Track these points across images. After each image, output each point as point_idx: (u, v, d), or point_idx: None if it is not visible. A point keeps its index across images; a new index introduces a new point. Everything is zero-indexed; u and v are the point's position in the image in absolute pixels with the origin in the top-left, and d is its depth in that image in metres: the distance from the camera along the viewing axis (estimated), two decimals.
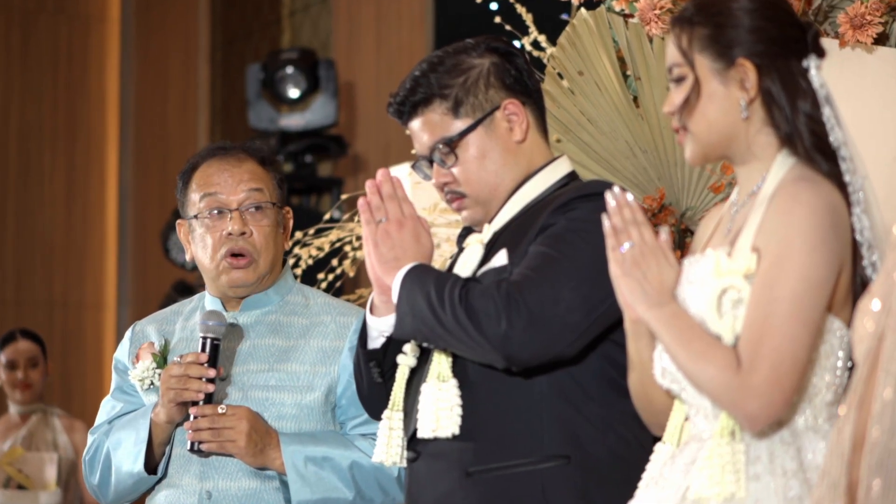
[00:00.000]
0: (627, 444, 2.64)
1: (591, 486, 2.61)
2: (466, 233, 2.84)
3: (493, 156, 2.77)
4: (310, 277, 4.43)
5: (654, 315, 2.28)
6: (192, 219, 3.27)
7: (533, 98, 2.82)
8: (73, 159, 10.30)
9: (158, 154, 10.33)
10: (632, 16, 3.56)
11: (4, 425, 6.56)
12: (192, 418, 3.13)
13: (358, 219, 2.75)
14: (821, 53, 2.37)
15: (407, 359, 2.75)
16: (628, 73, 3.62)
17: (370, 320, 2.78)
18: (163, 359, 3.26)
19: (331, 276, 4.64)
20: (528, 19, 4.16)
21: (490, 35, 2.85)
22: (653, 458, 2.43)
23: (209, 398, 3.13)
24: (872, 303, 1.93)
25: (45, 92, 10.24)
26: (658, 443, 2.45)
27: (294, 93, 8.25)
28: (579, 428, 2.62)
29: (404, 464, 2.76)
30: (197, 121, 10.16)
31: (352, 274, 4.68)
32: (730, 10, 2.36)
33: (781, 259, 2.23)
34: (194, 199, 3.27)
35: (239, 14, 10.07)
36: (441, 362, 2.66)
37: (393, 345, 2.77)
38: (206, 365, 3.12)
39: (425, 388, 2.66)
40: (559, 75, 3.69)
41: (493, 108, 2.77)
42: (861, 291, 2.25)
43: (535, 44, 4.11)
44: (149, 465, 3.21)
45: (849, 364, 2.29)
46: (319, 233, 4.73)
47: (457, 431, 2.63)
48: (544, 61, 3.83)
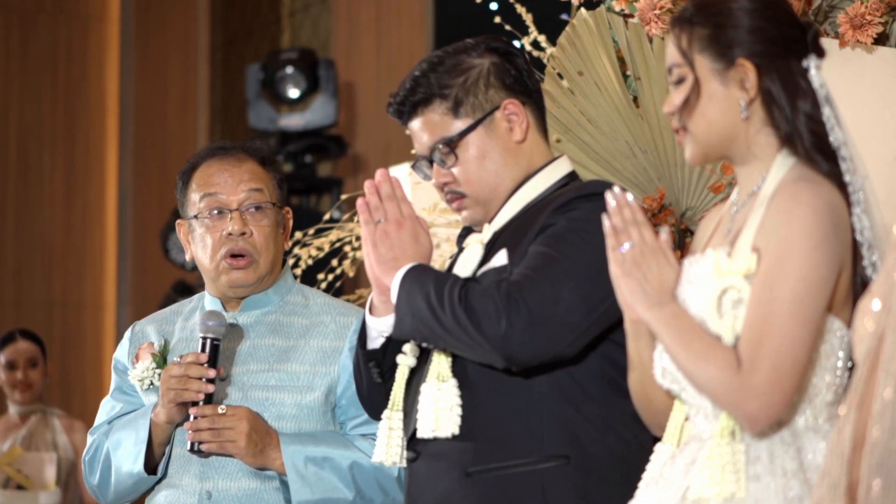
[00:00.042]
0: (627, 444, 2.64)
1: (590, 487, 2.60)
2: (466, 233, 2.84)
3: (493, 156, 2.77)
4: (310, 277, 4.43)
5: (655, 315, 2.28)
6: (192, 219, 3.27)
7: (533, 98, 2.82)
8: (72, 159, 10.30)
9: (158, 154, 10.33)
10: (632, 16, 3.56)
11: (4, 426, 6.56)
12: (192, 418, 3.13)
13: (358, 219, 2.75)
14: (820, 53, 2.37)
15: (406, 359, 2.75)
16: (628, 73, 3.62)
17: (369, 321, 2.78)
18: (162, 359, 3.26)
19: (330, 277, 4.64)
20: (528, 19, 4.15)
21: (490, 35, 2.85)
22: (653, 458, 2.43)
23: (209, 398, 3.13)
24: (873, 303, 1.93)
25: (45, 92, 10.24)
26: (658, 443, 2.45)
27: (294, 93, 8.25)
28: (579, 428, 2.62)
29: (404, 464, 2.75)
30: (196, 121, 10.15)
31: (351, 274, 4.68)
32: (729, 11, 2.36)
33: (781, 259, 2.23)
34: (194, 199, 3.27)
35: (239, 14, 10.07)
36: (441, 362, 2.66)
37: (392, 345, 2.77)
38: (206, 365, 3.12)
39: (425, 388, 2.66)
40: (559, 75, 3.69)
41: (493, 108, 2.77)
42: (861, 291, 2.24)
43: (535, 44, 4.11)
44: (149, 465, 3.21)
45: (849, 364, 2.29)
46: (319, 233, 4.73)
47: (456, 431, 2.63)
48: (544, 61, 3.83)
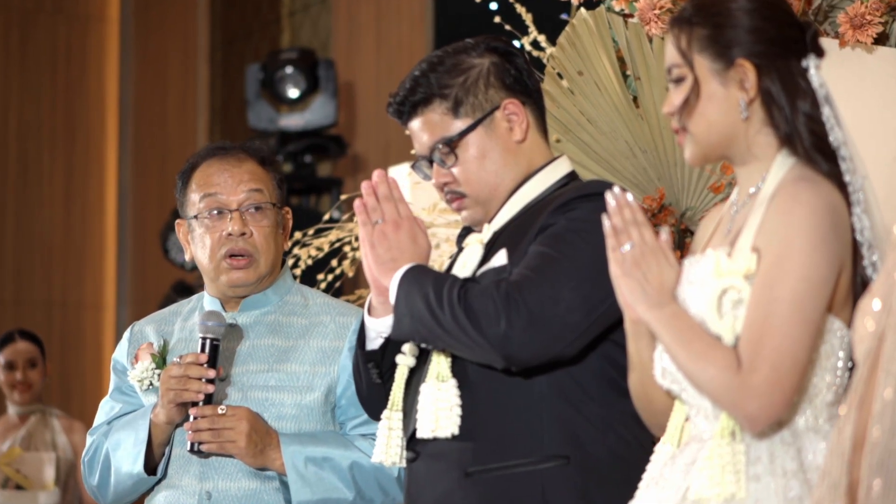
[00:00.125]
0: (627, 444, 2.64)
1: (590, 487, 2.60)
2: (466, 233, 2.83)
3: (493, 156, 2.76)
4: (309, 278, 4.43)
5: (655, 315, 2.28)
6: (192, 219, 3.27)
7: (533, 98, 2.81)
8: (72, 159, 10.30)
9: (157, 154, 10.32)
10: (631, 16, 3.55)
11: (3, 426, 6.56)
12: (192, 419, 3.13)
13: (357, 219, 2.75)
14: (820, 53, 2.37)
15: (406, 359, 2.75)
16: (628, 73, 3.61)
17: (368, 321, 2.78)
18: (162, 359, 3.26)
19: (330, 277, 4.64)
20: (527, 19, 4.15)
21: (490, 35, 2.85)
22: (653, 458, 2.43)
23: (209, 399, 3.13)
24: (873, 302, 1.93)
25: (44, 92, 10.23)
26: (658, 443, 2.45)
27: (294, 93, 8.25)
28: (579, 428, 2.62)
29: (404, 464, 2.75)
30: (196, 121, 10.15)
31: (351, 274, 4.68)
32: (729, 11, 2.36)
33: (781, 259, 2.22)
34: (194, 199, 3.27)
35: (238, 14, 10.06)
36: (440, 362, 2.66)
37: (391, 345, 2.77)
38: (206, 365, 3.12)
39: (424, 388, 2.66)
40: (559, 75, 3.69)
41: (492, 107, 2.76)
42: (861, 291, 2.24)
43: (535, 44, 4.11)
44: (148, 465, 3.20)
45: (849, 364, 2.29)
46: (319, 233, 4.72)
47: (456, 431, 2.63)
48: (544, 61, 3.83)
